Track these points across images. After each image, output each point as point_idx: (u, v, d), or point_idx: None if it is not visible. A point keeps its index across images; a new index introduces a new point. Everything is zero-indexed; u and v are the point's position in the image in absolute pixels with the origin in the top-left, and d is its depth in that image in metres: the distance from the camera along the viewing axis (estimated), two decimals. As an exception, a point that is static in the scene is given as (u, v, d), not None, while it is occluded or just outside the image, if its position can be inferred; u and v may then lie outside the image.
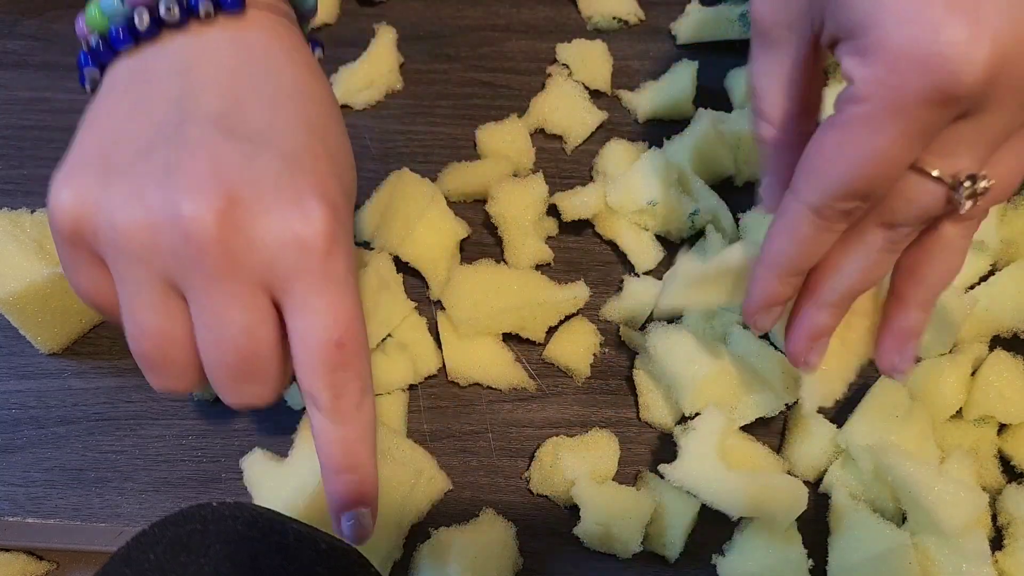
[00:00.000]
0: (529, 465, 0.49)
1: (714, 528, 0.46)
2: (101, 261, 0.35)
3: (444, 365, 0.52)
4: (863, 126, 0.31)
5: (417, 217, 0.52)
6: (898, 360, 0.41)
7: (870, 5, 0.30)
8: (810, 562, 0.45)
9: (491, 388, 0.52)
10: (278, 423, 0.50)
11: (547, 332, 0.52)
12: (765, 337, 0.50)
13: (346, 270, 0.35)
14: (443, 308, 0.52)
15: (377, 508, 0.37)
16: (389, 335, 0.52)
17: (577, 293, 0.51)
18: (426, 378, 0.52)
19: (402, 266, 0.53)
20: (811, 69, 0.36)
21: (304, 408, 0.49)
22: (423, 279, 0.54)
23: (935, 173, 0.33)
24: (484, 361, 0.51)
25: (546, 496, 0.49)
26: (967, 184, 0.33)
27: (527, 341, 0.53)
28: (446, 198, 0.55)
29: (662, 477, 0.47)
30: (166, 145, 0.33)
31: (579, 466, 0.48)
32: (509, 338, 0.53)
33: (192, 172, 0.32)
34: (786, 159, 0.37)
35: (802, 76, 0.36)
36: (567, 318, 0.53)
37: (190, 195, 0.32)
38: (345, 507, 0.36)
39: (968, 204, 0.34)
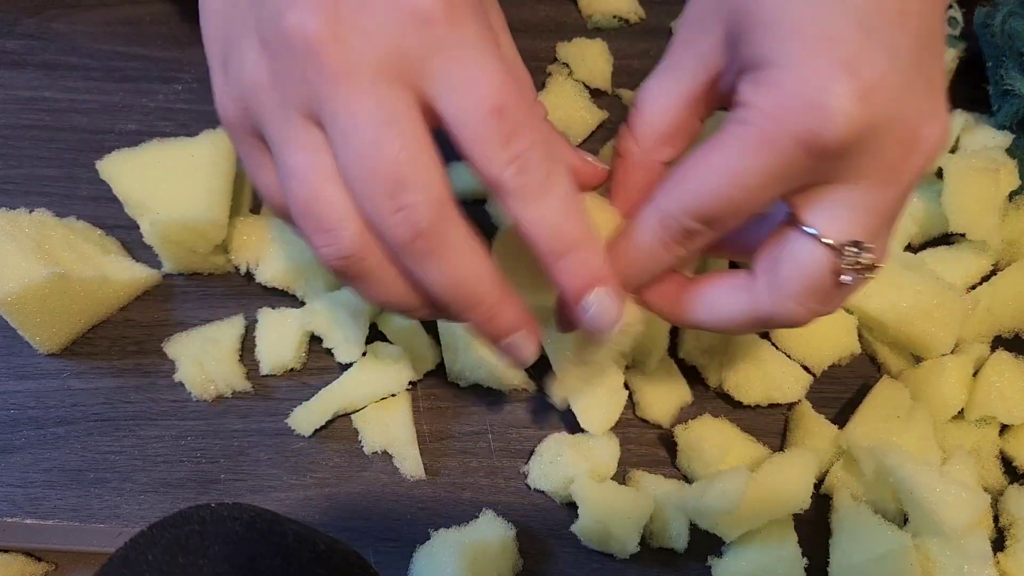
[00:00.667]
0: (528, 460, 0.49)
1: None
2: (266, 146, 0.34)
3: (444, 365, 0.52)
4: (735, 146, 0.32)
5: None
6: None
7: (777, 44, 0.31)
8: (805, 560, 0.45)
9: (491, 388, 0.51)
10: (278, 423, 0.50)
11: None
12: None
13: (477, 33, 0.31)
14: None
15: (617, 282, 0.35)
16: (385, 339, 0.51)
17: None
18: (426, 375, 0.52)
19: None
20: (698, 105, 0.36)
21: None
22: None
23: (814, 232, 0.33)
24: (484, 361, 0.51)
25: (543, 492, 0.49)
26: (848, 253, 0.33)
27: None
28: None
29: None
30: None
31: (579, 464, 0.47)
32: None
33: None
34: (634, 180, 0.37)
35: (687, 108, 0.36)
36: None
37: (291, 8, 0.31)
38: (579, 293, 0.34)
39: (849, 277, 0.33)
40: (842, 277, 0.33)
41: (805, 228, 0.33)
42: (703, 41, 0.35)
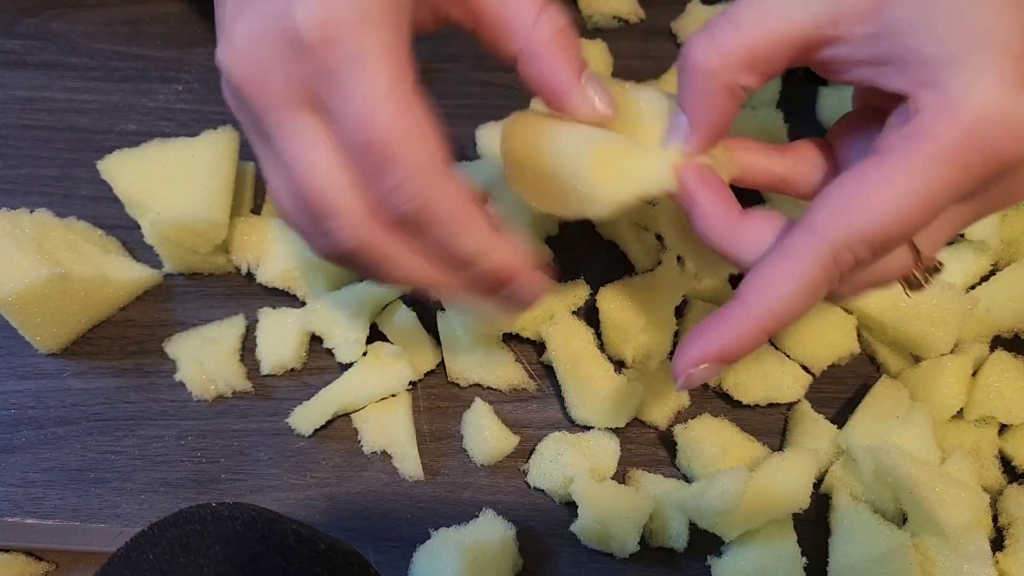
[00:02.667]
0: (528, 459, 0.49)
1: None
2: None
3: (444, 365, 0.52)
4: (921, 163, 0.29)
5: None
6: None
7: (966, 45, 0.28)
8: (804, 560, 0.45)
9: (491, 388, 0.51)
10: (278, 423, 0.50)
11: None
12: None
13: (357, 53, 0.30)
14: (443, 309, 0.52)
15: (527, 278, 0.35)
16: (385, 339, 0.51)
17: (576, 291, 0.51)
18: (426, 375, 0.52)
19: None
20: (798, 50, 0.33)
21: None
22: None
23: (920, 248, 0.32)
24: (484, 361, 0.51)
25: (543, 491, 0.49)
26: (929, 273, 0.33)
27: (527, 341, 0.53)
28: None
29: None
30: None
31: (579, 463, 0.47)
32: (509, 338, 0.53)
33: None
34: (709, 100, 0.34)
35: (789, 48, 0.32)
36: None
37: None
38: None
39: (918, 288, 0.34)
40: (904, 285, 0.34)
41: (915, 242, 0.33)
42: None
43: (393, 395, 0.50)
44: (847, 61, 0.32)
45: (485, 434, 0.49)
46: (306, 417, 0.49)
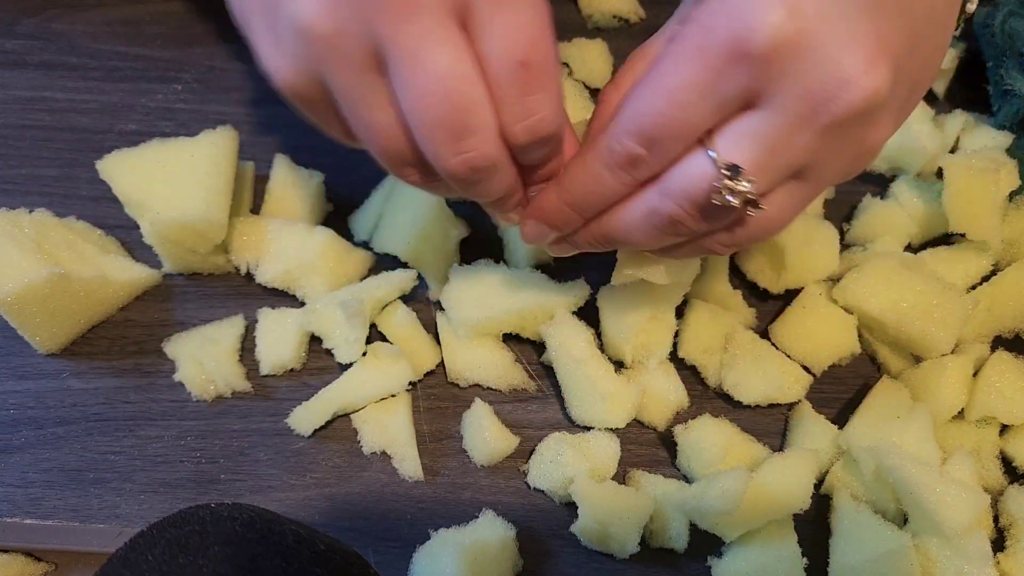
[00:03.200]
0: (528, 459, 0.49)
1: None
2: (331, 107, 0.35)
3: (444, 365, 0.52)
4: (669, 61, 0.33)
5: (417, 217, 0.52)
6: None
7: None
8: (805, 560, 0.45)
9: (491, 388, 0.51)
10: (277, 423, 0.50)
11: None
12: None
13: None
14: (442, 309, 0.51)
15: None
16: (385, 339, 0.51)
17: (577, 292, 0.51)
18: (425, 375, 0.52)
19: (402, 266, 0.53)
20: None
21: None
22: (422, 279, 0.54)
23: (712, 153, 0.34)
24: (484, 362, 0.51)
25: (543, 492, 0.49)
26: (727, 175, 0.34)
27: (527, 341, 0.53)
28: (446, 198, 0.55)
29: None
30: None
31: (579, 463, 0.47)
32: (509, 338, 0.52)
33: None
34: (603, 124, 0.38)
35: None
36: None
37: None
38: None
39: (723, 198, 0.34)
40: (713, 197, 0.34)
41: (705, 146, 0.34)
42: (685, 5, 0.37)
43: (393, 395, 0.50)
44: None
45: (485, 434, 0.49)
46: (306, 417, 0.49)
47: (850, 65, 0.31)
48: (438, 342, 0.52)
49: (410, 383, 0.50)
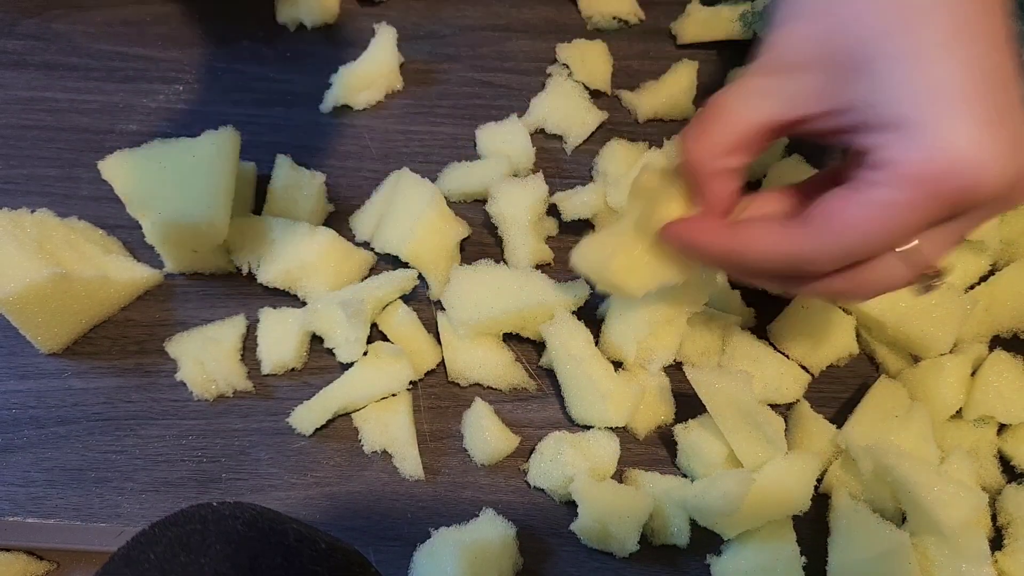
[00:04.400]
0: (528, 457, 0.50)
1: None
2: None
3: (444, 365, 0.52)
4: (889, 204, 0.33)
5: (417, 217, 0.52)
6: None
7: (919, 102, 0.32)
8: (804, 559, 0.45)
9: (491, 388, 0.52)
10: (279, 423, 0.50)
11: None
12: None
13: None
14: (443, 309, 0.52)
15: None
16: (385, 339, 0.52)
17: (577, 292, 0.51)
18: (426, 375, 0.52)
19: (402, 266, 0.53)
20: (780, 133, 0.38)
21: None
22: (423, 279, 0.54)
23: (917, 256, 0.36)
24: (484, 361, 0.51)
25: (543, 490, 0.49)
26: (929, 279, 0.37)
27: (527, 341, 0.53)
28: (446, 198, 0.55)
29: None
30: None
31: (579, 463, 0.48)
32: (509, 338, 0.53)
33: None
34: (706, 186, 0.40)
35: (770, 134, 0.38)
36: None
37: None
38: None
39: (923, 293, 0.38)
40: (916, 293, 0.38)
41: (902, 249, 0.35)
42: (805, 79, 0.35)
43: (393, 395, 0.50)
44: (818, 133, 0.37)
45: (485, 434, 0.49)
46: (307, 417, 0.49)
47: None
48: (439, 342, 0.52)
49: (411, 382, 0.51)
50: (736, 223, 0.40)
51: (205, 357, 0.50)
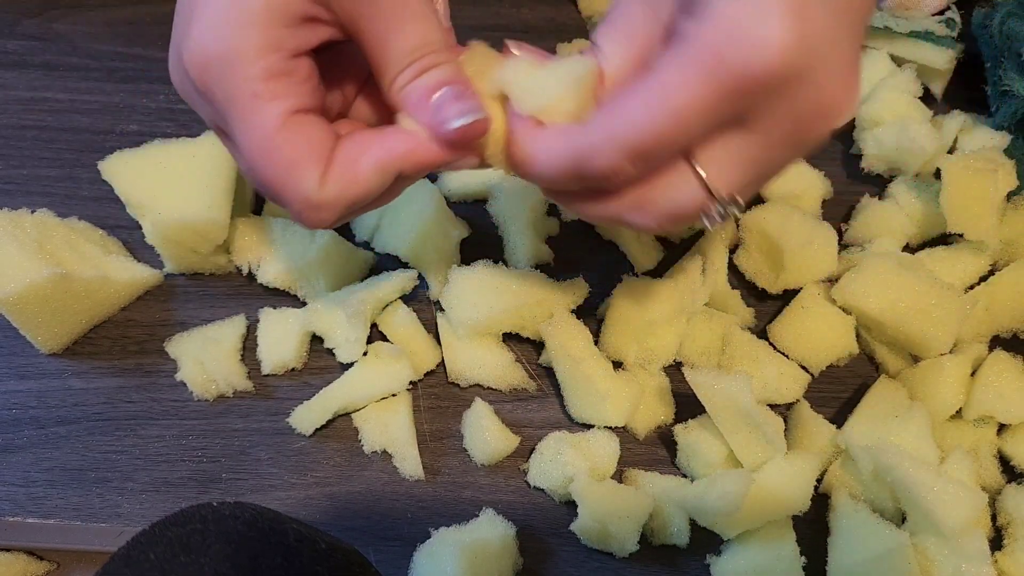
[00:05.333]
0: (528, 457, 0.50)
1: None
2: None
3: (444, 366, 0.52)
4: (674, 80, 0.31)
5: (417, 217, 0.52)
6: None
7: None
8: (803, 559, 0.45)
9: (491, 388, 0.52)
10: (279, 423, 0.50)
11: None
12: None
13: (227, 98, 0.33)
14: (442, 309, 0.52)
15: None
16: (385, 339, 0.52)
17: (577, 290, 0.51)
18: (426, 375, 0.52)
19: (402, 266, 0.53)
20: (651, 53, 0.35)
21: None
22: (423, 279, 0.54)
23: (703, 173, 0.33)
24: (484, 362, 0.51)
25: (543, 490, 0.49)
26: (720, 205, 0.34)
27: (527, 341, 0.53)
28: (446, 198, 0.55)
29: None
30: None
31: (578, 462, 0.48)
32: (509, 338, 0.53)
33: None
34: None
35: (641, 56, 0.35)
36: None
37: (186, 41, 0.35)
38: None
39: (715, 222, 0.35)
40: (704, 220, 0.35)
41: (697, 168, 0.34)
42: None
43: (393, 395, 0.50)
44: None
45: (485, 434, 0.49)
46: (306, 417, 0.49)
47: (839, 91, 0.32)
48: (438, 342, 0.52)
49: (410, 383, 0.51)
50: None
51: (205, 357, 0.50)
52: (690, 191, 0.34)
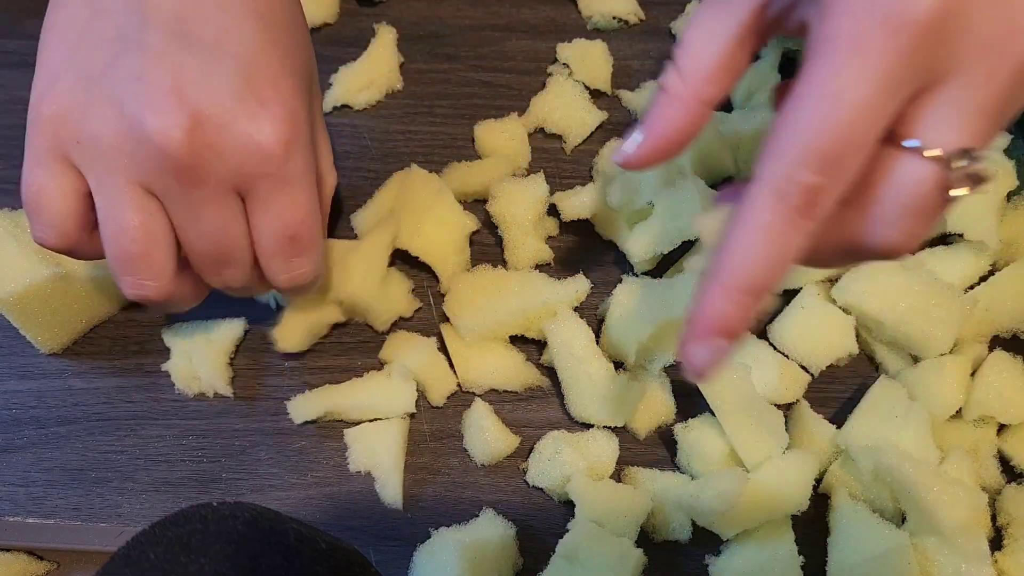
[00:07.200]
0: (528, 456, 0.50)
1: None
2: (76, 173, 0.38)
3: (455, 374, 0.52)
4: (826, 67, 0.28)
5: (425, 211, 0.52)
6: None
7: None
8: (802, 559, 0.45)
9: (507, 391, 0.51)
10: (279, 423, 0.50)
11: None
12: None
13: (303, 169, 0.40)
14: (448, 320, 0.51)
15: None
16: (399, 363, 0.51)
17: (578, 287, 0.51)
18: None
19: (412, 260, 0.53)
20: (747, 39, 0.34)
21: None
22: (433, 273, 0.54)
23: (916, 144, 0.29)
24: (497, 366, 0.51)
25: (542, 489, 0.49)
26: (960, 162, 0.29)
27: (532, 342, 0.53)
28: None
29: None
30: (131, 51, 0.36)
31: (577, 462, 0.48)
32: (514, 340, 0.52)
33: (157, 87, 0.36)
34: (677, 118, 0.34)
35: (736, 43, 0.34)
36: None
37: (156, 112, 0.36)
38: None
39: (965, 186, 0.29)
40: (952, 192, 0.29)
41: (905, 143, 0.29)
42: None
43: (390, 418, 0.50)
44: (783, 23, 0.34)
45: (486, 435, 0.49)
46: (302, 406, 0.49)
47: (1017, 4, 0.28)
48: (444, 351, 0.52)
49: (411, 412, 0.50)
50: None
51: (194, 352, 0.50)
52: (912, 169, 0.29)
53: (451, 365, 0.52)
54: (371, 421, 0.50)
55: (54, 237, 0.39)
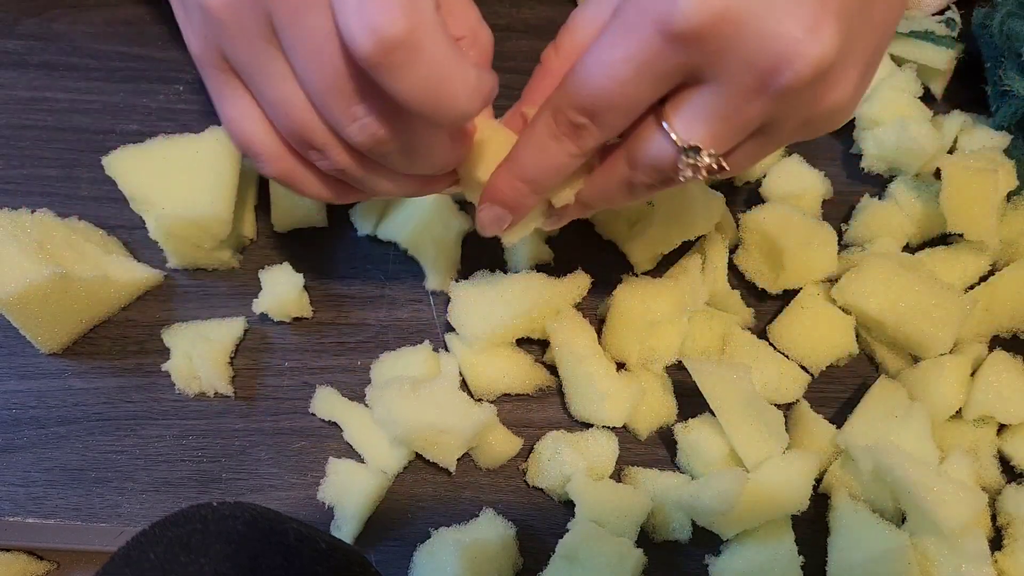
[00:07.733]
0: (527, 457, 0.50)
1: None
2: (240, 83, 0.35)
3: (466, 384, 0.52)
4: (606, 38, 0.33)
5: (419, 207, 0.52)
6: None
7: None
8: (802, 559, 0.45)
9: (519, 395, 0.51)
10: (278, 423, 0.50)
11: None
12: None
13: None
14: (452, 329, 0.51)
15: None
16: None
17: (579, 283, 0.51)
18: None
19: (405, 259, 0.53)
20: None
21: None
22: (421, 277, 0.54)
23: (665, 126, 0.35)
24: (507, 370, 0.51)
25: (542, 489, 0.49)
26: (689, 155, 0.35)
27: (535, 343, 0.53)
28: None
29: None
30: None
31: (577, 462, 0.48)
32: (519, 342, 0.52)
33: None
34: (546, 86, 0.40)
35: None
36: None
37: None
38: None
39: (688, 174, 0.35)
40: (680, 175, 0.36)
41: (663, 124, 0.35)
42: None
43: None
44: None
45: (488, 437, 0.49)
46: (321, 403, 0.50)
47: (790, 34, 0.31)
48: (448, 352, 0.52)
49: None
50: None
51: (194, 352, 0.50)
52: (662, 146, 0.35)
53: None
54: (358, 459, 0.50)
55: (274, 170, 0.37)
